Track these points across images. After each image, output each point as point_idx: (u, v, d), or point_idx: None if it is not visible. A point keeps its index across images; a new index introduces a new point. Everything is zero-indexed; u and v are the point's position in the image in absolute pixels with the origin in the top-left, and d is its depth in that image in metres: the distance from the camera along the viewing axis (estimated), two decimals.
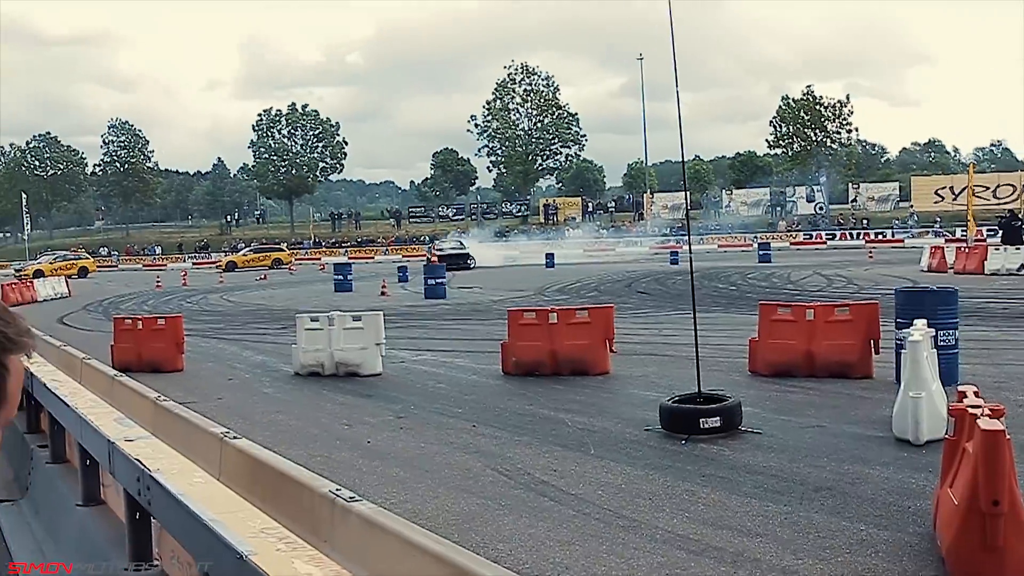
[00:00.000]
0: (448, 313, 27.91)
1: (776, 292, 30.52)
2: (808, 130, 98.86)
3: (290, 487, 4.68)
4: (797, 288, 32.53)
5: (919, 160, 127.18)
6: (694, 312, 11.91)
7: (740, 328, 18.34)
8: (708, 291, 30.54)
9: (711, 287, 32.75)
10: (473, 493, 8.63)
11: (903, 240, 74.71)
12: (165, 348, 17.54)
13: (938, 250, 40.63)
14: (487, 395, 13.80)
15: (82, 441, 6.58)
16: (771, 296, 26.70)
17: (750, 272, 41.61)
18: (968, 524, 5.92)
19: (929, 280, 31.91)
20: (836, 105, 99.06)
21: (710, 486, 8.54)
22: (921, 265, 39.93)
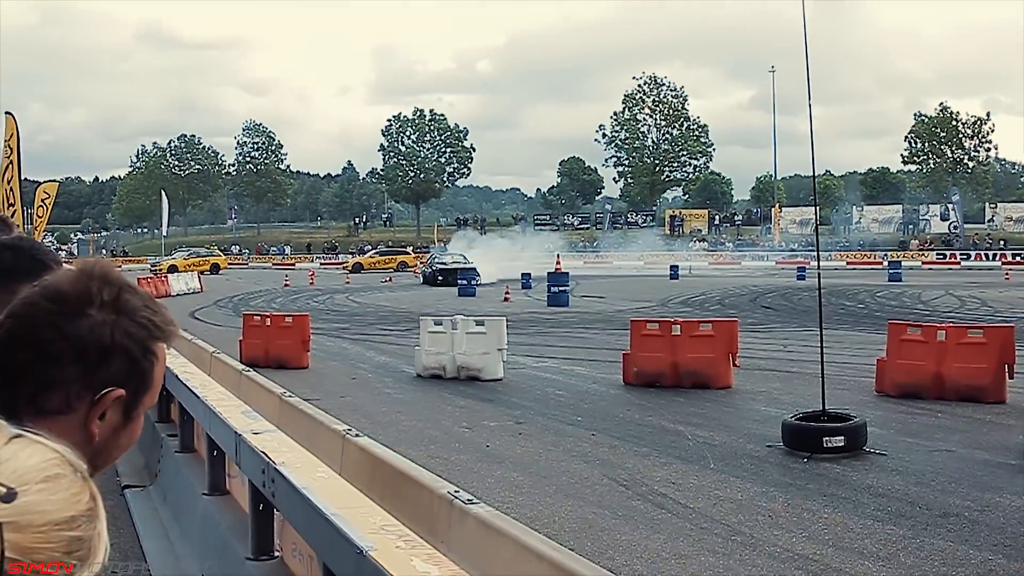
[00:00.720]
0: (570, 321, 27.89)
1: (906, 312, 29.83)
2: (944, 147, 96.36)
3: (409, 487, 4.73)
4: (928, 308, 31.71)
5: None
6: (821, 329, 11.73)
7: (867, 347, 17.97)
8: (835, 308, 29.98)
9: (838, 304, 32.15)
10: (590, 501, 8.61)
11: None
12: (292, 345, 17.88)
13: None
14: (607, 404, 13.76)
15: (210, 432, 6.74)
16: (900, 316, 26.08)
17: (879, 290, 40.73)
18: None
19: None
20: (975, 122, 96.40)
21: (832, 506, 8.37)
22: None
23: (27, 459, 1.04)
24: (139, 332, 1.54)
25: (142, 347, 1.54)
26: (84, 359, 1.49)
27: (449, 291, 41.54)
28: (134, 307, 1.54)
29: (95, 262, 1.58)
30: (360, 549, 3.37)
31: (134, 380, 1.54)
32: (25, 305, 1.54)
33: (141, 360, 1.54)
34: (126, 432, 1.58)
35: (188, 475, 7.73)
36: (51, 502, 1.02)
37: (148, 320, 1.55)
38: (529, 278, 45.25)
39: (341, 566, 3.68)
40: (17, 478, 1.00)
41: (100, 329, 1.51)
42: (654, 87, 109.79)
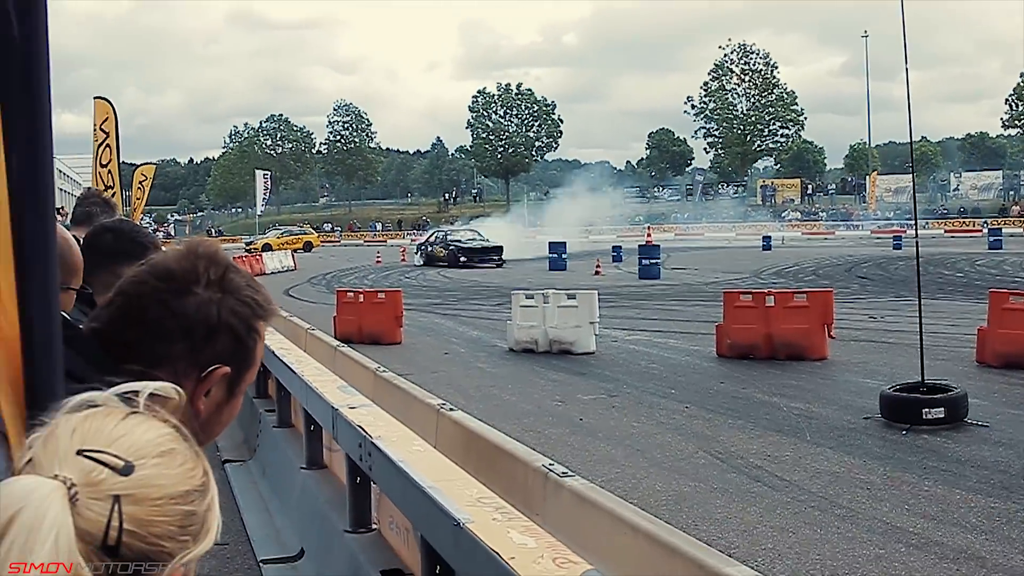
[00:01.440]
0: (662, 294, 27.74)
1: (1007, 280, 29.15)
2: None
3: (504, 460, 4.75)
4: None
5: None
6: (919, 298, 11.48)
7: (967, 317, 17.65)
8: (933, 277, 29.38)
9: (936, 273, 31.51)
10: (685, 474, 8.57)
11: None
12: (385, 321, 18.04)
13: None
14: (700, 377, 13.67)
15: (307, 407, 6.84)
16: (1001, 284, 25.48)
17: (979, 259, 39.86)
18: None
19: None
20: None
21: (932, 479, 8.22)
22: None
23: (143, 434, 1.06)
24: (243, 310, 1.57)
25: (246, 325, 1.58)
26: (191, 336, 1.53)
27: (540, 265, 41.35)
28: (238, 286, 1.58)
29: (200, 241, 1.62)
30: (457, 521, 3.39)
31: (238, 357, 1.58)
32: (134, 283, 1.57)
33: (245, 338, 1.58)
34: (228, 408, 1.61)
35: (286, 449, 7.85)
36: (167, 476, 1.04)
37: (251, 299, 1.59)
38: (620, 251, 45.13)
39: (438, 538, 3.71)
40: (134, 452, 1.02)
41: (207, 307, 1.54)
42: (743, 55, 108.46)
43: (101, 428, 1.04)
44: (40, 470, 0.98)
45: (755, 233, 69.98)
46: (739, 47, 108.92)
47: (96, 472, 0.99)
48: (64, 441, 1.01)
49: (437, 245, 47.52)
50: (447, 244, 47.03)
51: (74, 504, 0.95)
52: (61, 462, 0.99)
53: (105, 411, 1.08)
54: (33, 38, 1.28)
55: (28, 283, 1.31)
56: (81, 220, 4.29)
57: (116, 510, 0.97)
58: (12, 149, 1.27)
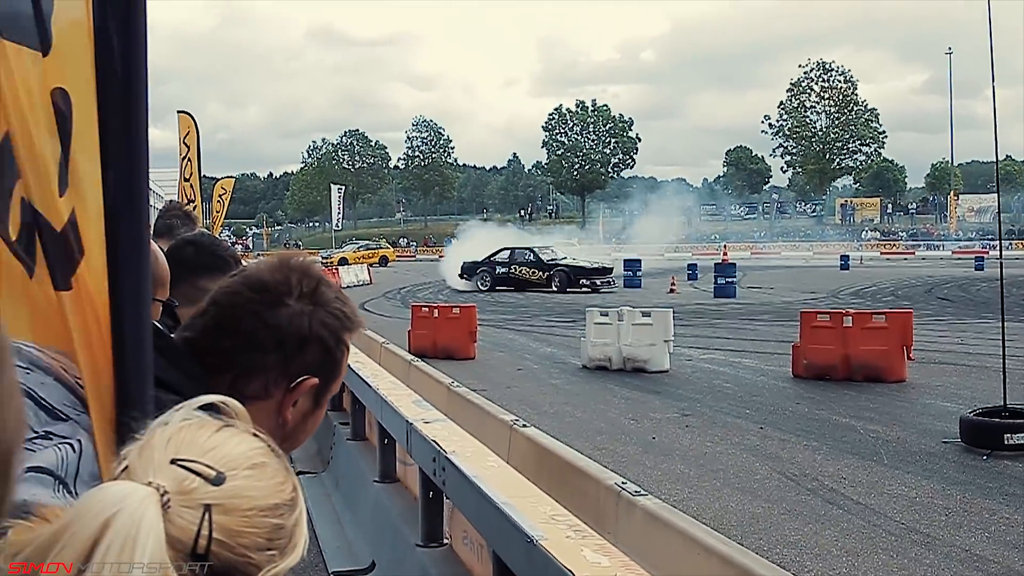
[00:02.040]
0: (737, 312, 27.54)
1: None
2: None
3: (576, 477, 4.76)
4: None
5: None
6: (1003, 320, 11.27)
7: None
8: (1016, 299, 28.72)
9: (1020, 295, 30.83)
10: (758, 496, 8.50)
11: None
12: (459, 336, 18.11)
13: None
14: (775, 397, 13.54)
15: (381, 420, 6.89)
16: None
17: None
18: None
19: None
20: None
21: (1014, 506, 8.05)
22: None
23: (235, 447, 1.08)
24: (333, 323, 1.62)
25: (336, 337, 1.63)
26: (283, 347, 1.58)
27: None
28: (329, 299, 1.63)
29: (293, 254, 1.67)
30: (531, 538, 3.40)
31: (327, 369, 1.63)
32: (228, 294, 1.62)
33: (334, 349, 1.63)
34: (313, 418, 1.65)
35: (359, 462, 7.92)
36: (257, 488, 1.06)
37: (340, 311, 1.63)
38: (696, 269, 44.92)
39: (511, 555, 3.72)
40: (226, 463, 1.05)
41: (299, 319, 1.59)
42: (822, 73, 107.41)
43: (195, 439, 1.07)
44: (135, 477, 1.01)
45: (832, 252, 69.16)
46: (818, 64, 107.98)
47: (189, 481, 1.01)
48: (159, 450, 1.04)
49: (522, 266, 39.83)
50: (545, 264, 39.43)
51: (166, 511, 0.98)
52: (156, 470, 1.02)
53: (199, 423, 1.11)
54: (131, 57, 1.32)
55: (121, 292, 1.35)
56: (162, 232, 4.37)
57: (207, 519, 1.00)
58: (109, 165, 1.31)
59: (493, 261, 40.76)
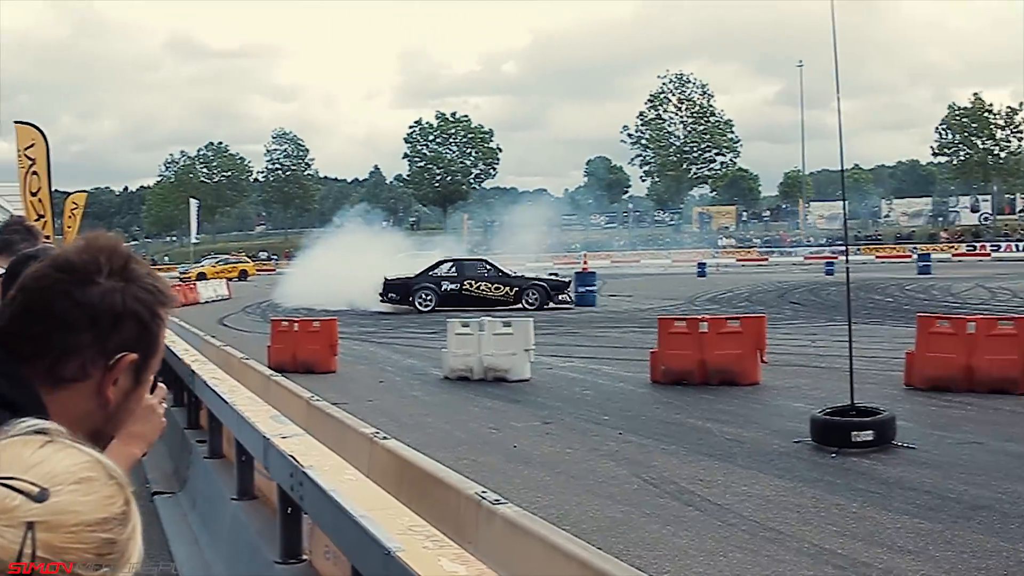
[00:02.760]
0: (597, 321, 27.89)
1: (935, 304, 29.63)
2: (975, 138, 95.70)
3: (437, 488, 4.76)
4: (958, 301, 31.56)
5: None
6: (849, 323, 11.68)
7: (896, 341, 17.89)
8: (864, 302, 29.79)
9: (867, 299, 31.95)
10: (618, 500, 8.62)
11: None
12: (319, 350, 17.95)
13: None
14: (634, 403, 13.76)
15: (239, 437, 6.79)
16: (930, 308, 25.88)
17: (908, 284, 40.51)
18: None
19: None
20: (1008, 112, 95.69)
21: (861, 501, 8.34)
22: None
23: (59, 462, 1.07)
24: (147, 297, 1.62)
25: (150, 311, 1.62)
26: (98, 325, 1.56)
27: None
28: (140, 274, 1.63)
29: (99, 234, 1.66)
30: (388, 550, 3.39)
31: (144, 344, 1.62)
32: (35, 278, 1.60)
33: (150, 324, 1.62)
34: (135, 396, 1.64)
35: (217, 480, 7.78)
36: (83, 503, 1.04)
37: (153, 286, 1.64)
38: None
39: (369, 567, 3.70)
40: (50, 479, 1.03)
41: (111, 295, 1.58)
42: (679, 84, 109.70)
43: (18, 456, 1.05)
44: None
45: (690, 260, 70.61)
46: (676, 76, 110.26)
47: (10, 499, 1.00)
48: None
49: (479, 281, 34.08)
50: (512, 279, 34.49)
51: None
52: None
53: (23, 440, 1.09)
54: None
55: None
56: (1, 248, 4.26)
57: (29, 537, 0.98)
58: None
59: (436, 277, 34.35)
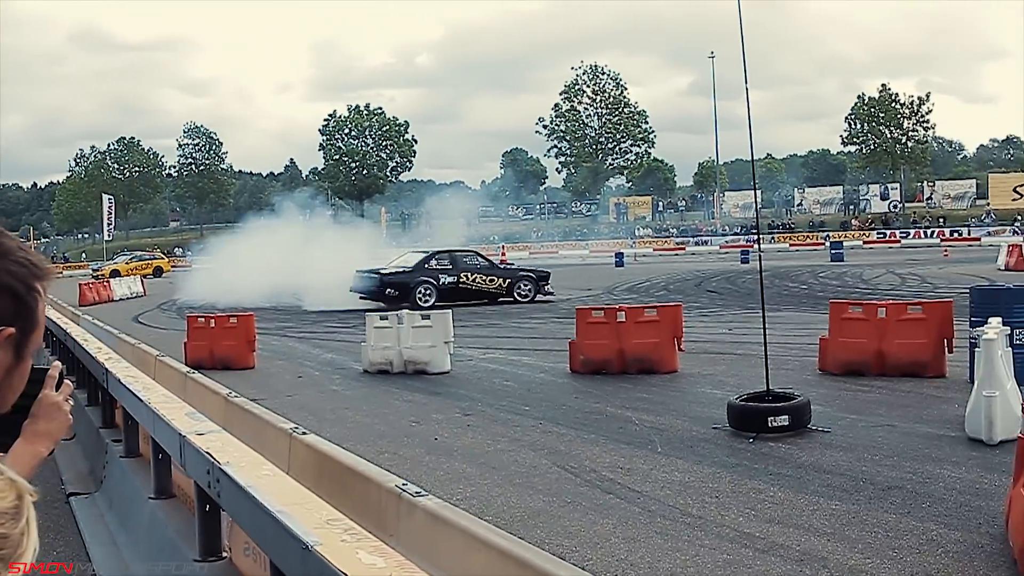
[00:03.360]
0: (517, 312, 27.95)
1: (848, 291, 30.22)
2: (883, 127, 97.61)
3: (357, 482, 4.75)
4: (870, 287, 32.17)
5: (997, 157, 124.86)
6: (763, 310, 11.86)
7: (811, 327, 18.20)
8: (778, 290, 30.29)
9: (781, 286, 32.48)
10: (539, 490, 8.65)
11: (979, 238, 73.59)
12: (237, 346, 17.76)
13: (1015, 248, 40.04)
14: (554, 393, 13.82)
15: (155, 435, 6.70)
16: (843, 295, 26.38)
17: (821, 271, 41.25)
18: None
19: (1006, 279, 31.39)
20: (914, 102, 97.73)
21: (777, 485, 8.48)
22: (998, 263, 39.40)
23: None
24: (20, 271, 1.60)
25: (25, 285, 1.61)
26: None
27: None
28: (11, 248, 1.62)
29: None
30: (306, 544, 3.37)
31: (21, 317, 1.60)
32: None
33: (26, 297, 1.61)
34: (18, 372, 1.62)
35: (134, 480, 7.67)
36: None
37: (26, 259, 1.62)
38: None
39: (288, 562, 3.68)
40: None
41: None
42: (593, 76, 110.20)
43: None
44: None
45: (608, 250, 71.14)
46: (590, 68, 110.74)
47: None
48: None
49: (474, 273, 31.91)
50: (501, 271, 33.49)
51: None
52: None
53: None
54: None
55: None
56: None
57: None
58: None
59: (433, 270, 31.54)
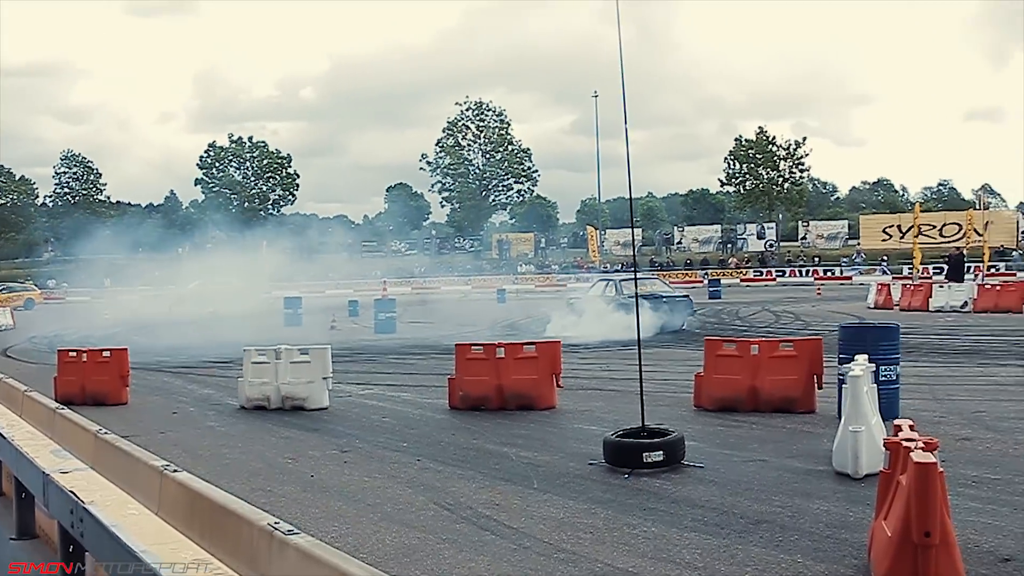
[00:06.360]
0: (397, 348, 27.84)
1: (724, 328, 30.81)
2: (761, 169, 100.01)
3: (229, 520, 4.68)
4: (745, 324, 32.84)
5: (868, 199, 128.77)
6: (639, 346, 12.03)
7: (687, 363, 18.51)
8: None
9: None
10: (415, 527, 8.62)
11: (851, 277, 75.69)
12: (110, 381, 17.35)
13: (884, 287, 41.32)
14: (432, 429, 13.79)
15: (17, 473, 6.53)
16: (719, 332, 26.90)
17: (699, 308, 41.81)
18: (901, 555, 6.01)
19: (875, 317, 32.46)
20: (790, 145, 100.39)
21: (651, 520, 8.58)
22: (868, 302, 40.64)
23: None
24: None
25: None
26: None
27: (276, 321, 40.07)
28: None
29: None
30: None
31: None
32: None
33: None
34: None
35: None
36: None
37: None
38: (357, 305, 45.08)
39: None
40: None
41: None
42: (478, 112, 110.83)
43: None
44: None
45: (490, 286, 71.37)
46: (475, 104, 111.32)
47: None
48: None
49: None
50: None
51: None
52: None
53: None
54: None
55: None
56: None
57: None
58: None
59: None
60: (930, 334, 26.31)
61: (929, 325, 29.45)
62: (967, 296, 36.03)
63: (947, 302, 35.99)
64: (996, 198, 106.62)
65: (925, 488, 5.90)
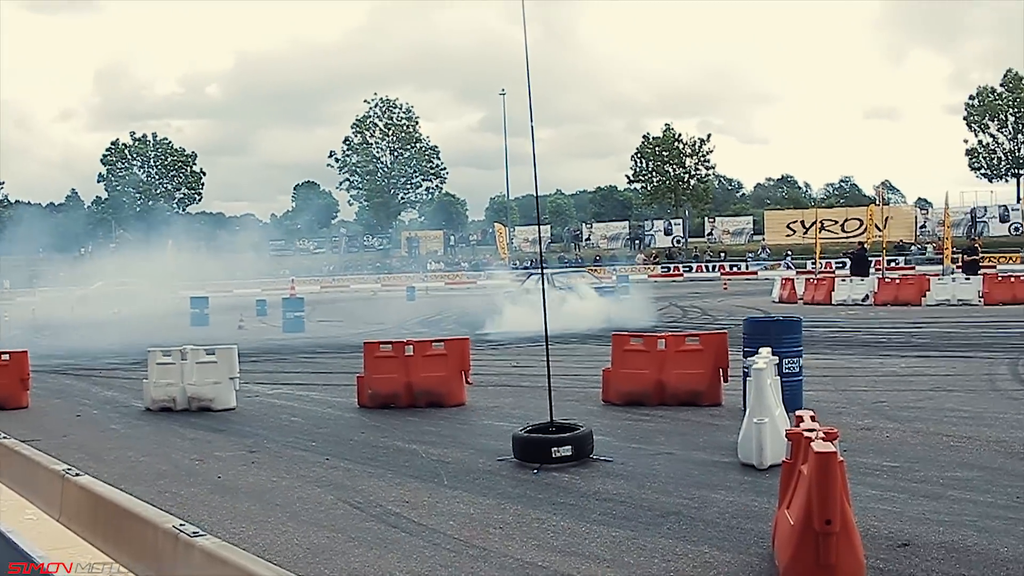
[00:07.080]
0: (306, 347, 27.65)
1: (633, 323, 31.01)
2: (667, 166, 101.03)
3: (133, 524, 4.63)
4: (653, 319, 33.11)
5: (772, 195, 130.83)
6: (547, 343, 12.10)
7: (596, 358, 18.62)
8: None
9: None
10: (324, 526, 8.57)
11: (756, 272, 76.84)
12: (9, 384, 16.91)
13: (788, 281, 42.05)
14: (341, 428, 13.73)
15: None
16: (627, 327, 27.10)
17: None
18: (803, 543, 6.13)
19: (780, 310, 33.01)
20: (696, 142, 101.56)
21: (560, 514, 8.64)
22: (773, 296, 41.32)
23: None
24: None
25: None
26: None
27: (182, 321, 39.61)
28: None
29: None
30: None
31: None
32: None
33: None
34: None
35: None
36: None
37: None
38: (265, 305, 44.63)
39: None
40: None
41: None
42: (386, 110, 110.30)
43: None
44: None
45: (400, 284, 71.23)
46: (382, 101, 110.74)
47: None
48: None
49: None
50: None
51: None
52: None
53: None
54: None
55: None
56: None
57: None
58: None
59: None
60: (832, 327, 26.86)
61: (831, 318, 30.06)
62: (868, 290, 36.79)
63: (849, 296, 36.73)
64: (896, 194, 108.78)
65: (826, 477, 6.03)
